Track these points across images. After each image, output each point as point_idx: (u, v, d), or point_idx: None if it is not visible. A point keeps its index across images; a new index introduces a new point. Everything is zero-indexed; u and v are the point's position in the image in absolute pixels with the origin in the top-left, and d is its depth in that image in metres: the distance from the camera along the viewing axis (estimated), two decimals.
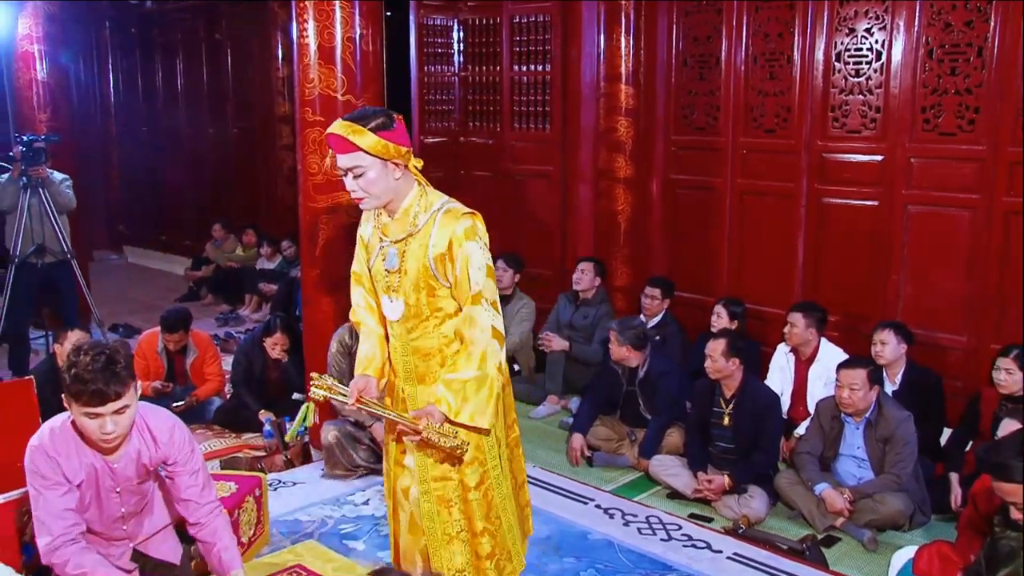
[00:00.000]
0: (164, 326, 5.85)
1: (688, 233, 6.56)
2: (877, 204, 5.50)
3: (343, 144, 2.78)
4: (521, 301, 6.46)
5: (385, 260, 2.96)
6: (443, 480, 2.99)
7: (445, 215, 2.88)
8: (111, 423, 2.66)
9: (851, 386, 4.28)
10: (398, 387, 3.05)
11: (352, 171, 2.81)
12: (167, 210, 11.79)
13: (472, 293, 2.83)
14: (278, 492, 4.64)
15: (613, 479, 4.99)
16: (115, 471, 2.87)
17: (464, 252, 2.83)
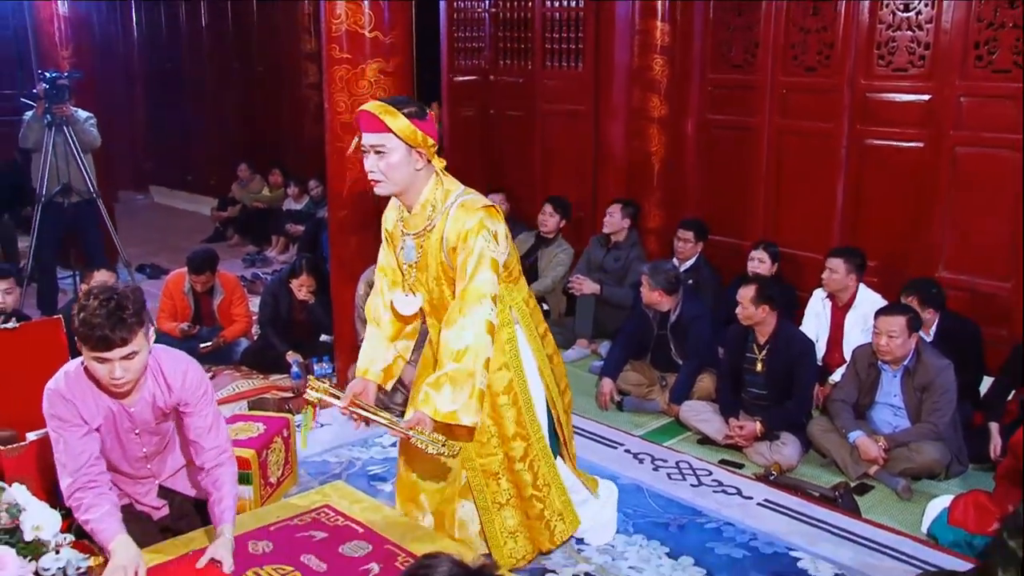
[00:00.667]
0: (191, 267, 5.91)
1: (723, 175, 6.48)
2: (923, 146, 5.38)
3: (373, 122, 2.86)
4: (561, 247, 6.46)
5: (403, 252, 3.07)
6: (488, 456, 3.19)
7: (459, 208, 2.96)
8: (120, 369, 2.66)
9: (889, 333, 4.24)
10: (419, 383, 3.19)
11: (376, 149, 2.88)
12: (192, 149, 11.82)
13: (462, 288, 2.92)
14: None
15: (643, 424, 5.02)
16: (132, 414, 2.89)
17: (469, 246, 2.92)
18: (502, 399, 3.20)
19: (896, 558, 3.59)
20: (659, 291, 5.07)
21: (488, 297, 2.92)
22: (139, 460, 3.04)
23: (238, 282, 6.28)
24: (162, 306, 6.04)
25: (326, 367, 5.25)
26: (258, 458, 3.73)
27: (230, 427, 3.90)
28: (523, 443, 3.20)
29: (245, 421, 4.04)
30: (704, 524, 3.86)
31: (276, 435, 3.95)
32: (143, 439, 2.98)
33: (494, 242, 2.97)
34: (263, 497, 3.78)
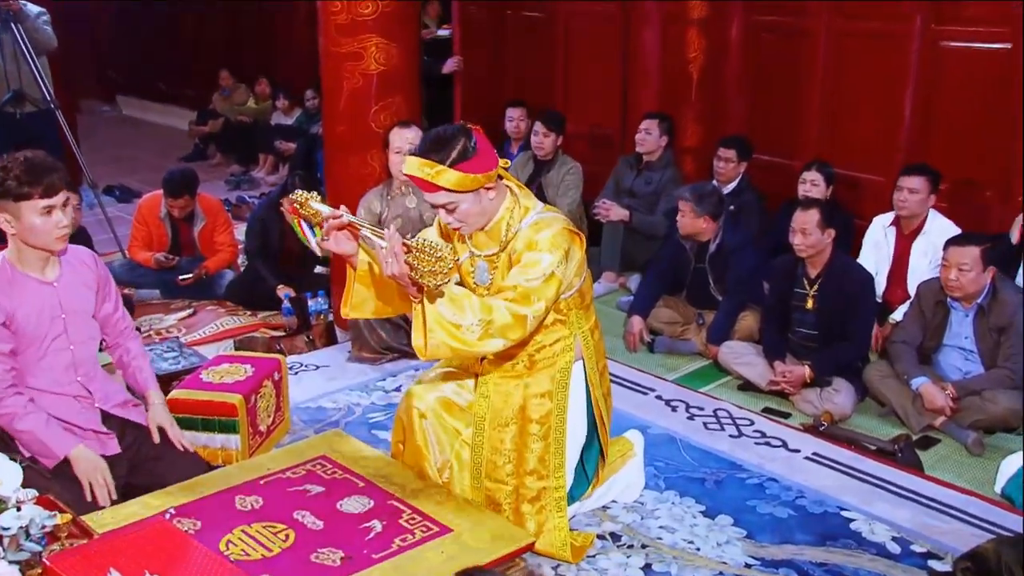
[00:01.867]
0: (167, 189, 5.88)
1: (772, 85, 6.38)
2: (1010, 47, 5.25)
3: (427, 186, 2.91)
4: (566, 166, 6.36)
5: (476, 274, 3.15)
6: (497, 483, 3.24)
7: (536, 223, 3.03)
8: (62, 214, 3.02)
9: (960, 266, 4.19)
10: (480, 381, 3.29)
11: (445, 207, 2.96)
12: (167, 54, 11.69)
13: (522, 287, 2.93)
14: (299, 376, 4.73)
15: (677, 367, 5.02)
16: (57, 288, 3.16)
17: (536, 257, 2.96)
18: (533, 427, 3.23)
19: (963, 520, 3.60)
20: (706, 217, 5.03)
21: (538, 307, 2.95)
22: (68, 368, 3.21)
23: (221, 206, 6.27)
24: (134, 233, 6.04)
25: (321, 302, 5.26)
26: (246, 404, 3.75)
27: (214, 369, 3.97)
28: (539, 483, 3.23)
29: (231, 363, 4.06)
30: (745, 480, 3.88)
31: (266, 378, 3.96)
32: (71, 330, 3.19)
33: (564, 262, 3.01)
34: (252, 447, 3.81)
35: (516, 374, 3.24)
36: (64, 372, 3.22)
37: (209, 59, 10.66)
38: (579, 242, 3.10)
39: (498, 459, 3.25)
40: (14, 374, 3.11)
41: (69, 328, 3.21)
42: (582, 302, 3.28)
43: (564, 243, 3.01)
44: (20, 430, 3.08)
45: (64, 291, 3.19)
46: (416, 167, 2.88)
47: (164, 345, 4.87)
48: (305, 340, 5.15)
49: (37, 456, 3.11)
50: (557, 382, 3.24)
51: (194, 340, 5.24)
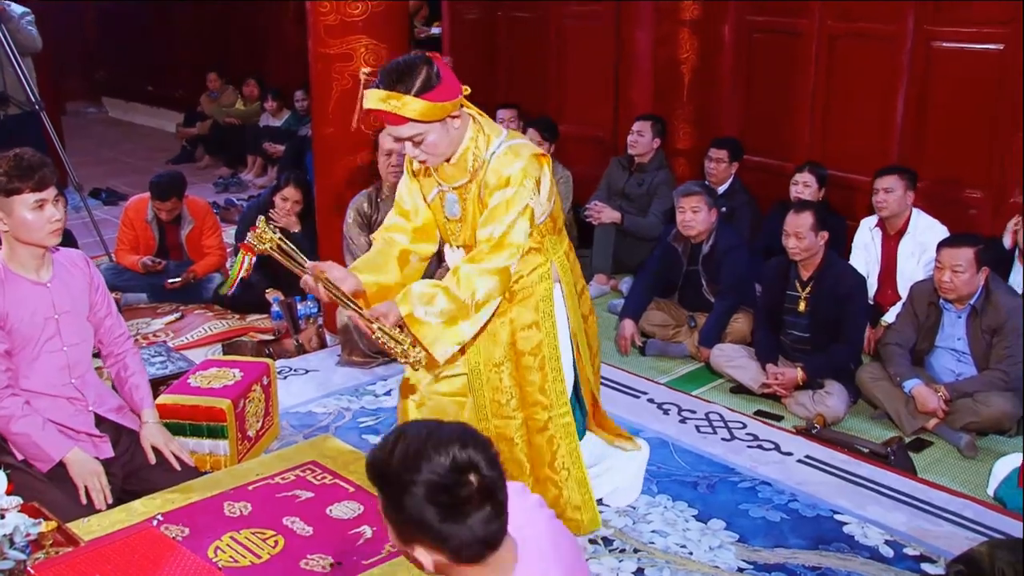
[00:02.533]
0: (155, 192, 5.87)
1: (765, 86, 6.40)
2: (1003, 48, 5.26)
3: (391, 118, 2.85)
4: (556, 175, 6.36)
5: (445, 207, 3.12)
6: (505, 419, 3.28)
7: (505, 153, 3.00)
8: (55, 208, 3.06)
9: (954, 267, 4.21)
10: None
11: (412, 140, 2.90)
12: (154, 55, 11.68)
13: (497, 236, 2.95)
14: (288, 381, 4.73)
15: (669, 370, 5.03)
16: (50, 289, 3.17)
17: (509, 193, 2.96)
18: (527, 359, 3.24)
19: (957, 523, 3.61)
20: (714, 210, 5.08)
21: (516, 247, 2.99)
22: (62, 370, 3.23)
23: (209, 209, 6.26)
24: (121, 237, 6.03)
25: (311, 306, 5.25)
26: (234, 409, 3.74)
27: (202, 373, 3.96)
28: (545, 413, 3.26)
29: (219, 367, 4.05)
30: (737, 483, 3.89)
31: (255, 383, 3.96)
32: (64, 332, 3.21)
33: (536, 190, 3.02)
34: (240, 453, 3.80)
35: (499, 312, 3.17)
36: (58, 374, 3.23)
37: (197, 60, 10.65)
38: (547, 165, 3.10)
39: (500, 397, 3.28)
40: (9, 375, 3.11)
41: (62, 329, 3.22)
42: (555, 227, 3.28)
43: (535, 173, 3.01)
44: (15, 432, 3.08)
45: (57, 292, 3.21)
46: (381, 100, 2.80)
47: (151, 350, 4.86)
48: (294, 344, 5.15)
49: (31, 460, 3.12)
50: (541, 311, 3.23)
51: (182, 344, 5.23)
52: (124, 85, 12.29)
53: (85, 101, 12.38)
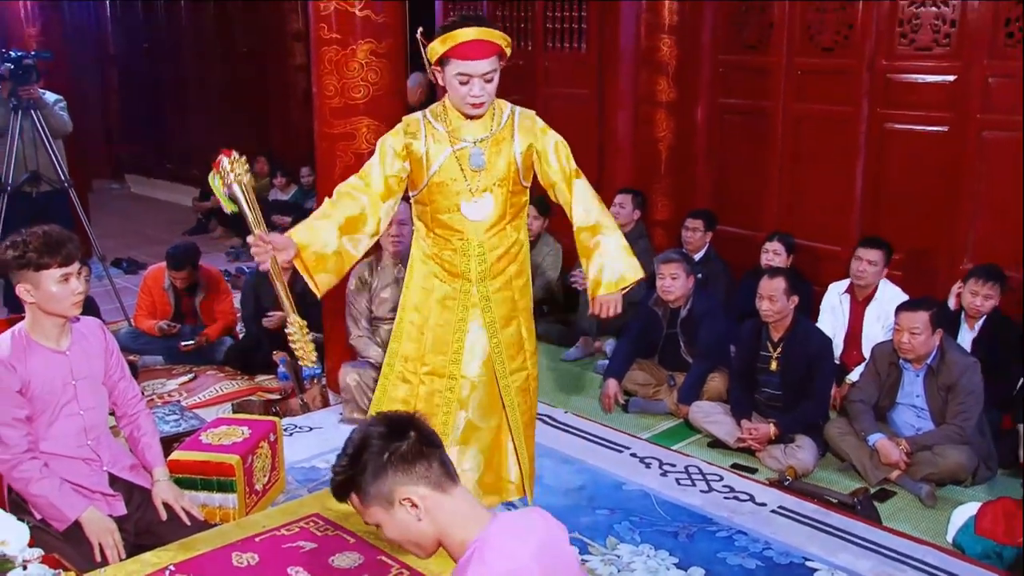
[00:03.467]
0: (170, 263, 5.90)
1: (735, 163, 6.49)
2: (947, 130, 5.39)
3: (488, 48, 3.13)
4: (547, 247, 6.44)
5: (471, 160, 3.27)
6: (518, 372, 3.50)
7: (523, 117, 3.35)
8: (78, 282, 3.08)
9: (911, 330, 4.24)
10: (471, 290, 3.39)
11: (485, 76, 3.15)
12: (172, 136, 11.80)
13: (572, 169, 3.33)
14: (293, 437, 4.72)
15: (650, 426, 5.02)
16: (68, 357, 3.17)
17: (551, 139, 3.31)
18: (523, 316, 3.52)
19: (919, 569, 3.59)
20: (692, 276, 5.11)
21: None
22: (78, 433, 3.21)
23: (221, 277, 6.28)
24: (140, 303, 6.04)
25: (315, 367, 5.24)
26: (243, 464, 3.73)
27: (213, 431, 3.94)
28: (534, 362, 3.58)
29: (229, 425, 4.03)
30: (715, 533, 3.86)
31: (262, 440, 3.94)
32: (81, 397, 3.19)
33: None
34: (248, 506, 3.78)
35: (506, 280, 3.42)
36: (75, 437, 3.22)
37: (212, 141, 10.75)
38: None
39: (514, 351, 3.49)
40: (30, 439, 3.10)
41: (79, 394, 3.21)
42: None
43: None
44: (34, 494, 3.07)
45: (75, 359, 3.21)
46: (479, 32, 3.11)
47: (166, 408, 4.84)
48: (299, 403, 5.13)
49: (48, 519, 3.09)
50: (526, 268, 3.53)
51: (194, 403, 5.22)
52: (145, 163, 12.39)
53: (109, 178, 12.45)
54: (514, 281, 3.45)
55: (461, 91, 3.17)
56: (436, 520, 2.00)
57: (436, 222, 3.35)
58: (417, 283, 3.48)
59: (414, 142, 3.28)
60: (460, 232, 3.32)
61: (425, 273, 3.45)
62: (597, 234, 3.30)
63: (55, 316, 3.12)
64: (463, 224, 3.31)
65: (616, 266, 3.27)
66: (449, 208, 3.30)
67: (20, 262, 3.01)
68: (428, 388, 3.47)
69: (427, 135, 3.28)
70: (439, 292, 3.42)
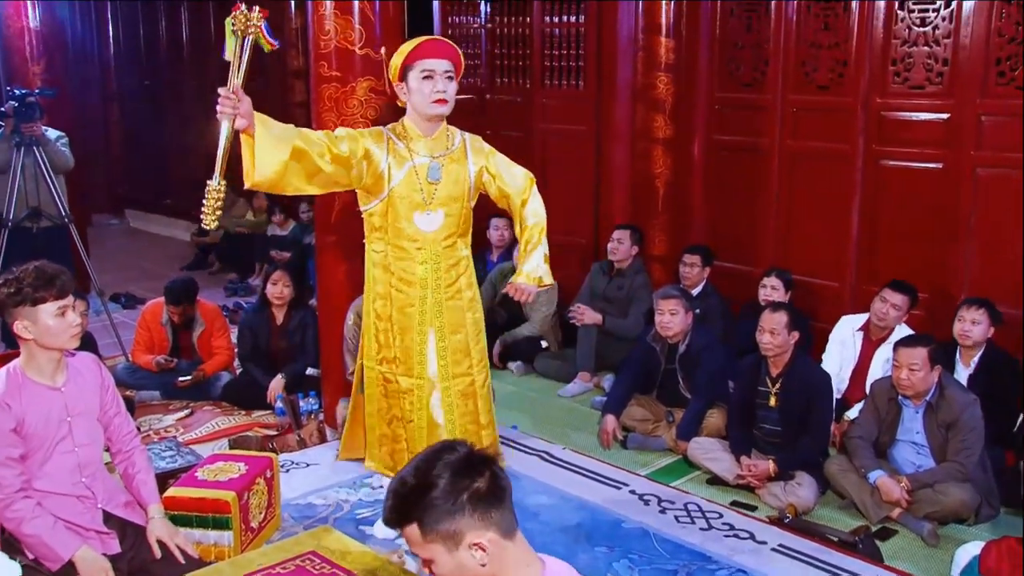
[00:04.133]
0: (168, 297, 5.87)
1: (732, 199, 6.48)
2: (942, 167, 5.39)
3: (448, 50, 3.59)
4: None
5: (429, 173, 3.64)
6: (462, 376, 3.81)
7: (473, 140, 3.79)
8: (75, 314, 3.09)
9: (910, 366, 4.21)
10: (427, 297, 3.72)
11: (448, 74, 3.57)
12: (171, 171, 11.81)
13: (528, 174, 3.84)
14: (290, 474, 4.66)
15: (649, 463, 4.97)
16: (64, 393, 3.15)
17: (498, 157, 3.80)
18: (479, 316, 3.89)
19: None
20: (691, 312, 5.10)
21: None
22: (73, 470, 3.17)
23: (219, 312, 6.24)
24: (137, 338, 6.00)
25: (312, 403, 5.21)
26: (239, 501, 3.67)
27: (209, 467, 3.89)
28: (484, 369, 3.91)
29: (225, 461, 3.98)
30: (715, 571, 3.81)
31: (258, 476, 3.89)
32: (76, 433, 3.17)
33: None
34: (244, 543, 3.72)
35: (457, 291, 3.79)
36: (69, 474, 3.17)
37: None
38: None
39: (459, 356, 3.81)
40: (23, 478, 3.06)
41: (74, 431, 3.18)
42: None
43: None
44: (27, 534, 3.02)
45: (70, 396, 3.17)
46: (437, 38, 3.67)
47: (162, 444, 4.79)
48: (296, 439, 5.08)
49: (41, 559, 3.04)
50: (474, 283, 3.88)
51: (191, 439, 5.16)
52: (144, 198, 12.38)
53: (109, 213, 12.44)
54: (464, 292, 3.80)
55: (425, 89, 3.54)
56: (498, 565, 1.91)
57: (394, 232, 3.67)
58: (377, 292, 3.80)
59: (376, 150, 3.60)
60: (416, 241, 3.68)
61: (384, 284, 3.76)
62: (534, 236, 3.81)
63: (52, 351, 3.09)
64: (419, 235, 3.67)
65: (543, 267, 3.79)
66: (406, 219, 3.65)
67: (16, 299, 2.99)
68: (401, 386, 3.79)
69: (389, 150, 3.63)
70: (398, 301, 3.74)
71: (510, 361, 6.42)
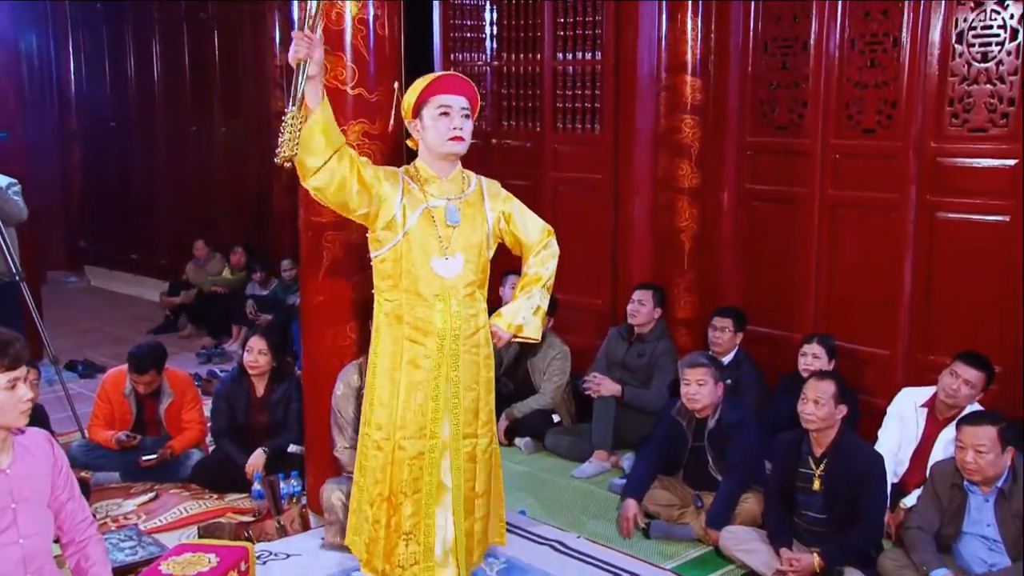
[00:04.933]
0: (132, 365, 5.83)
1: (767, 255, 6.49)
2: (1008, 219, 5.38)
3: (466, 87, 3.77)
4: (554, 350, 6.42)
5: (447, 216, 3.78)
6: (470, 438, 3.90)
7: (490, 184, 3.99)
8: (26, 388, 3.08)
9: (976, 447, 4.14)
10: (444, 347, 3.80)
11: (465, 112, 3.73)
12: (139, 223, 11.89)
13: (546, 227, 4.08)
14: (268, 566, 4.61)
15: (675, 554, 4.91)
16: (9, 476, 3.11)
17: (517, 205, 4.02)
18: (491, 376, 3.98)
19: None
20: (722, 384, 5.08)
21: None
22: (16, 564, 3.12)
23: (191, 381, 6.21)
24: (96, 411, 5.96)
25: (294, 484, 5.16)
26: None
27: (175, 559, 3.86)
28: (489, 433, 3.99)
29: (193, 552, 3.95)
30: None
31: (232, 569, 3.86)
32: (21, 522, 3.11)
33: None
34: None
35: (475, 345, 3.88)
36: (12, 568, 3.11)
37: (183, 228, 10.81)
38: None
39: (470, 416, 3.89)
40: None
41: (19, 520, 3.12)
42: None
43: None
44: None
45: (16, 479, 3.13)
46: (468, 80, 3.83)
47: (121, 533, 4.74)
48: (276, 526, 5.03)
49: None
50: (489, 340, 3.95)
51: (154, 527, 5.10)
52: (107, 253, 12.44)
53: (66, 269, 12.50)
54: (481, 348, 3.90)
55: (441, 126, 3.71)
56: None
57: (409, 277, 3.76)
58: (386, 348, 3.85)
59: (390, 189, 3.73)
60: (434, 288, 3.77)
61: (394, 337, 3.82)
62: (528, 285, 4.05)
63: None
64: (436, 281, 3.76)
65: (527, 317, 3.99)
66: (422, 264, 3.75)
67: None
68: (408, 452, 3.82)
69: (403, 192, 3.76)
70: (410, 353, 3.80)
71: (517, 437, 6.37)
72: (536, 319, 3.96)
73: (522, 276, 4.03)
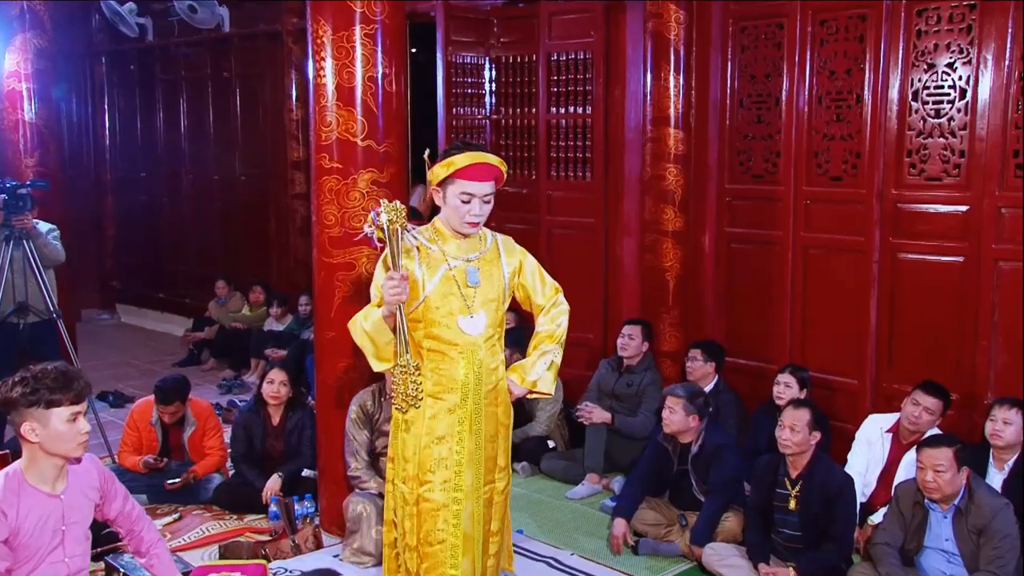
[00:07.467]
0: (158, 396, 5.85)
1: (745, 293, 6.52)
2: (962, 260, 5.44)
3: (494, 171, 3.53)
4: None
5: (468, 277, 3.60)
6: (488, 485, 3.72)
7: (504, 240, 3.80)
8: (84, 421, 3.10)
9: (935, 468, 4.16)
10: (467, 402, 3.59)
11: (485, 197, 3.52)
12: (166, 264, 11.92)
13: (555, 285, 3.88)
14: None
15: (661, 569, 4.90)
16: (63, 502, 3.14)
17: (530, 263, 3.83)
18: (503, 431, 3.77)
19: None
20: (694, 416, 5.06)
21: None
22: None
23: (212, 411, 6.22)
24: (125, 438, 5.96)
25: (308, 506, 5.16)
26: None
27: None
28: (506, 475, 3.83)
29: (215, 573, 3.94)
30: None
31: None
32: (68, 544, 3.13)
33: None
34: None
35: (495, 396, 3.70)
36: None
37: (207, 269, 10.84)
38: None
39: (490, 464, 3.72)
40: None
41: (67, 541, 3.15)
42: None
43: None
44: None
45: (69, 503, 3.17)
46: (489, 158, 3.51)
47: None
48: (291, 544, 5.02)
49: None
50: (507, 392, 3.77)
51: (179, 546, 5.10)
52: (136, 292, 12.45)
53: (99, 308, 12.51)
54: (500, 397, 3.72)
55: (461, 210, 3.51)
56: None
57: (431, 337, 3.57)
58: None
59: (411, 265, 3.54)
60: (457, 346, 3.56)
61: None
62: (544, 343, 3.81)
63: (57, 457, 3.08)
64: (460, 338, 3.56)
65: (542, 373, 3.76)
66: (446, 324, 3.55)
67: (30, 399, 2.99)
68: (432, 505, 3.60)
69: (421, 259, 3.57)
70: (431, 410, 3.59)
71: (515, 462, 6.36)
72: (550, 374, 3.78)
73: (535, 334, 3.84)
